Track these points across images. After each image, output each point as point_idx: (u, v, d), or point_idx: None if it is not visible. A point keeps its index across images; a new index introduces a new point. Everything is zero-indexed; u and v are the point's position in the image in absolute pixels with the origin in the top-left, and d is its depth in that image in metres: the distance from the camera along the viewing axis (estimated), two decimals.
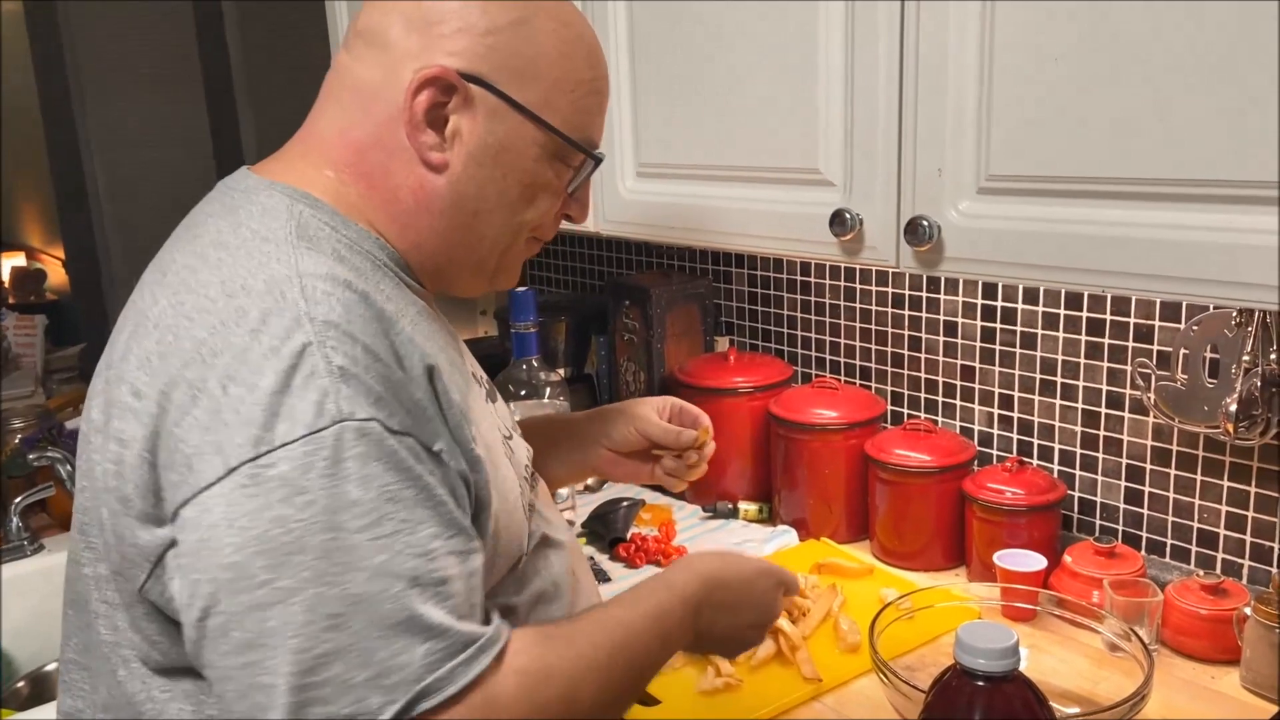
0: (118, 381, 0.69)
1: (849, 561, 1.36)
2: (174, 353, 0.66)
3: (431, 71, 0.73)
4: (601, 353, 1.82)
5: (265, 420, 0.62)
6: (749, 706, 1.06)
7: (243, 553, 0.61)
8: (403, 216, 0.77)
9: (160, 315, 0.69)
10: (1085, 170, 0.88)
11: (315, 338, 0.64)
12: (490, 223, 0.79)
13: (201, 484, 0.63)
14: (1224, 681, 1.08)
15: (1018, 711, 0.73)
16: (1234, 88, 0.78)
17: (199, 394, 0.64)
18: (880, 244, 1.06)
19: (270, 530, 0.61)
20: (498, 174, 0.77)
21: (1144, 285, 0.87)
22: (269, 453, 0.62)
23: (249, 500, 0.61)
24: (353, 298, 0.68)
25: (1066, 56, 0.87)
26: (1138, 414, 1.27)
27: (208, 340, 0.65)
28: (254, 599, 0.61)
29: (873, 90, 1.02)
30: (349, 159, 0.77)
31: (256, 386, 0.63)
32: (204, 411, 0.63)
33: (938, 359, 1.49)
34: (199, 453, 0.63)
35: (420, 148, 0.75)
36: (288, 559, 0.61)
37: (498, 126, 0.76)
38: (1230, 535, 1.21)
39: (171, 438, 0.64)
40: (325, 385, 0.63)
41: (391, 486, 0.64)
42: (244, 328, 0.65)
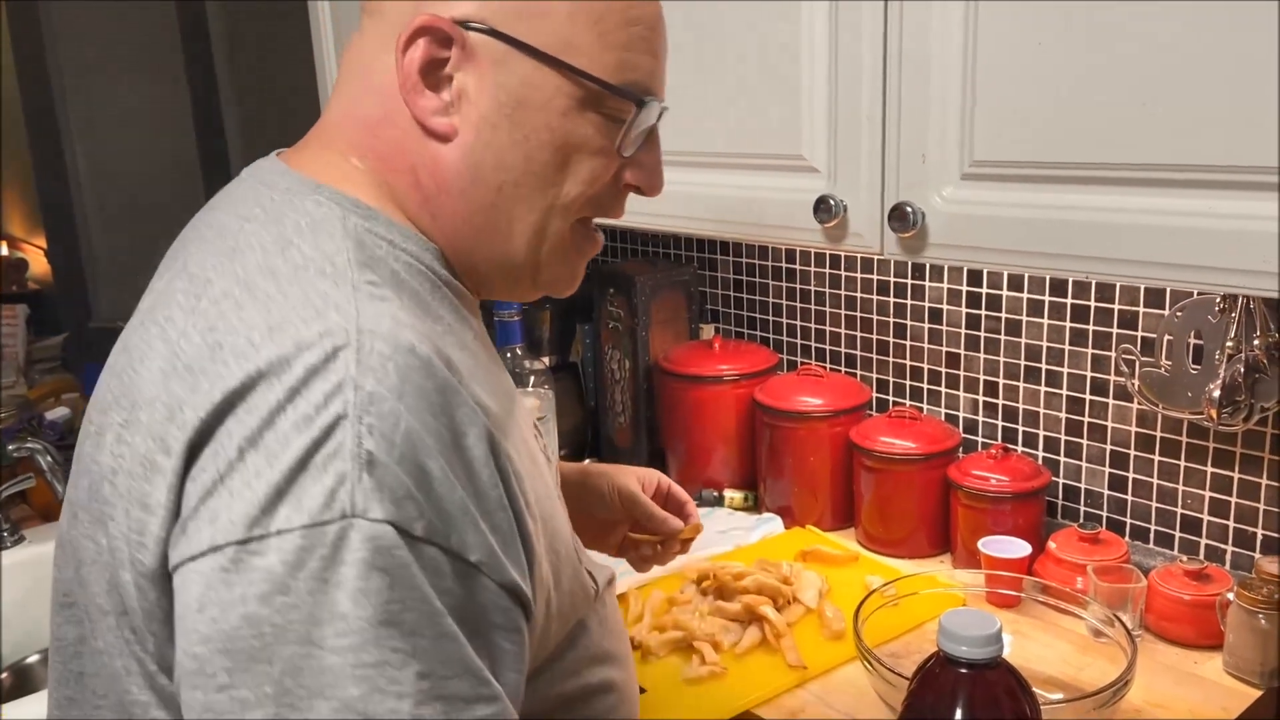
0: (141, 431, 0.59)
1: (834, 549, 1.36)
2: (204, 404, 0.56)
3: (420, 20, 0.63)
4: (586, 341, 1.81)
5: (269, 500, 0.53)
6: (734, 694, 1.06)
7: (207, 645, 0.53)
8: (430, 204, 0.67)
9: (194, 357, 0.58)
10: (1070, 156, 0.88)
11: (354, 410, 0.54)
12: (517, 198, 0.67)
13: (188, 554, 0.55)
14: (1207, 666, 1.09)
15: (1001, 699, 0.73)
16: (1220, 73, 0.78)
17: (219, 452, 0.55)
18: (865, 231, 1.05)
19: (240, 629, 0.52)
20: (519, 136, 0.65)
21: (1128, 271, 0.87)
22: (261, 539, 0.53)
23: (225, 588, 0.53)
24: (414, 364, 0.57)
25: (1051, 41, 0.87)
26: (1122, 400, 1.28)
27: (241, 393, 0.56)
28: (208, 700, 0.53)
29: (857, 76, 1.02)
30: (367, 144, 0.67)
31: (277, 459, 0.54)
32: (213, 475, 0.55)
33: (923, 346, 1.48)
34: (195, 516, 0.55)
35: (421, 113, 0.65)
36: (251, 666, 0.52)
37: (509, 78, 0.65)
38: (1214, 521, 1.22)
39: (187, 500, 0.56)
40: (344, 471, 0.53)
41: (390, 606, 0.53)
42: (284, 384, 0.55)
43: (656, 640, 1.14)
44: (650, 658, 1.13)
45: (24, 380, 2.73)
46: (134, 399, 0.61)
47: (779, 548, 1.38)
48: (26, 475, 1.59)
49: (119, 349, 0.66)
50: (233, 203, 0.68)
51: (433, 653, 0.54)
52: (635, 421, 1.67)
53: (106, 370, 0.66)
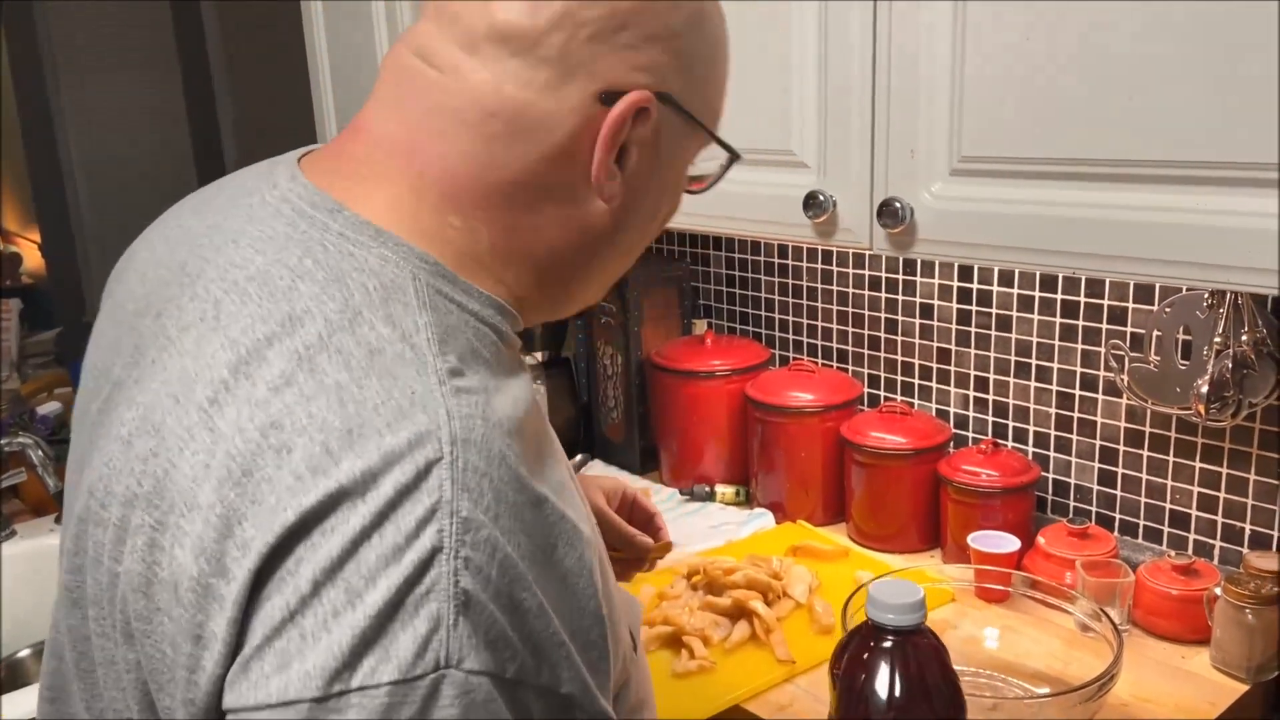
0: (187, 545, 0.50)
1: (825, 544, 1.36)
2: (274, 524, 0.48)
3: (640, 99, 0.58)
4: (579, 336, 1.81)
5: (353, 648, 0.46)
6: (723, 688, 1.06)
7: None
8: (546, 264, 0.61)
9: (253, 460, 0.50)
10: (1058, 152, 0.88)
11: (450, 542, 0.47)
12: (635, 243, 0.66)
13: (250, 702, 0.47)
14: (1194, 661, 1.09)
15: (927, 661, 0.76)
16: (1209, 68, 0.78)
17: (289, 583, 0.47)
18: (854, 226, 1.05)
19: None
20: (656, 190, 0.63)
21: (1116, 267, 0.87)
22: (341, 695, 0.45)
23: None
24: (508, 478, 0.50)
25: (1039, 36, 0.87)
26: (1111, 396, 1.28)
27: (319, 514, 0.48)
28: None
29: (846, 71, 1.02)
30: (490, 202, 0.58)
31: (361, 600, 0.46)
32: (283, 611, 0.47)
33: (914, 341, 1.49)
34: (259, 657, 0.47)
35: (601, 186, 0.59)
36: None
37: (665, 141, 0.61)
38: (1202, 516, 1.22)
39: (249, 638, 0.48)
40: (439, 613, 0.46)
41: None
42: (370, 506, 0.47)
43: (646, 635, 1.14)
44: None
45: (17, 375, 2.72)
46: (170, 500, 0.52)
47: (770, 543, 1.39)
48: (18, 470, 1.59)
49: (138, 420, 0.55)
50: (267, 240, 0.57)
51: None
52: (628, 417, 1.67)
53: (117, 441, 0.56)
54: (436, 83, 0.59)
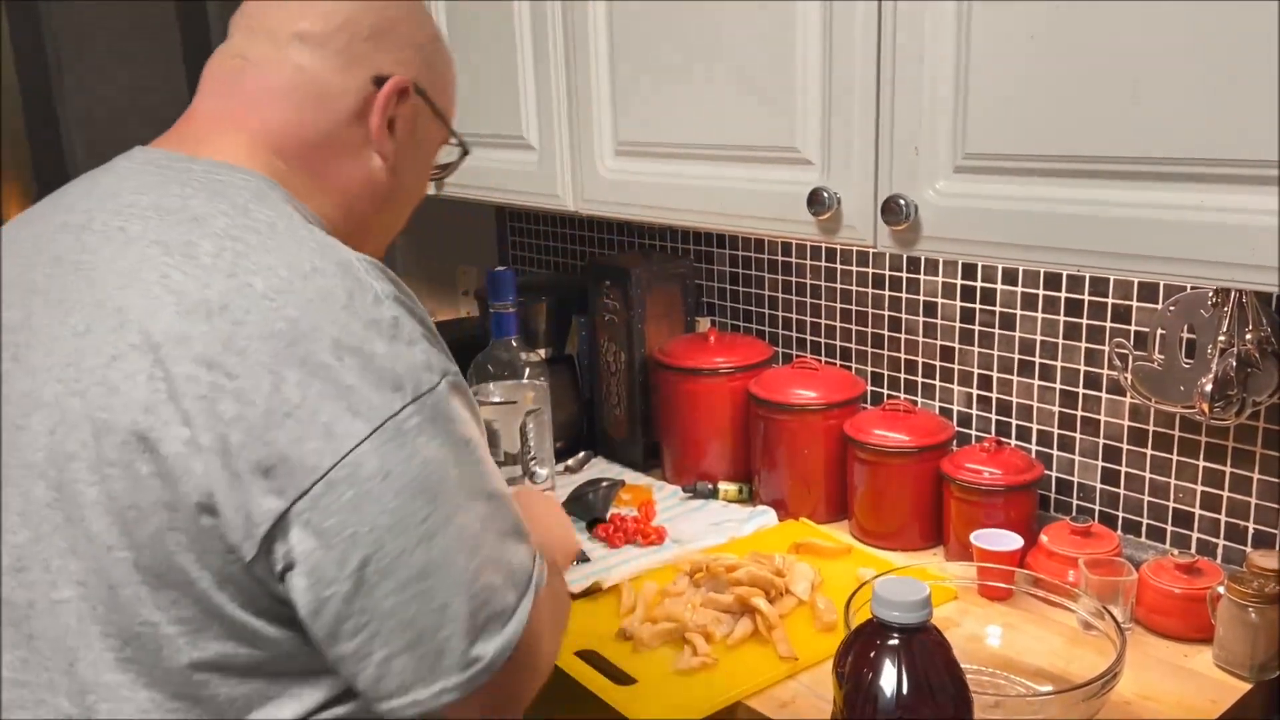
0: (182, 362, 0.67)
1: (827, 541, 1.36)
2: (266, 333, 0.67)
3: (403, 81, 0.84)
4: (582, 333, 1.81)
5: (393, 381, 0.69)
6: (725, 685, 1.06)
7: (402, 496, 0.68)
8: (345, 204, 0.85)
9: (223, 297, 0.68)
10: (1063, 149, 0.88)
11: (397, 311, 0.71)
12: (408, 205, 0.93)
13: (349, 446, 0.67)
14: (1197, 660, 1.09)
15: (933, 659, 0.76)
16: (1212, 65, 0.78)
17: (314, 368, 0.67)
18: (858, 223, 1.05)
19: (421, 472, 0.69)
20: (418, 164, 0.91)
21: (1122, 265, 0.87)
22: (404, 408, 0.68)
23: (398, 450, 0.68)
24: (392, 275, 0.75)
25: (1043, 33, 0.87)
26: (1115, 394, 1.28)
27: (301, 319, 0.68)
28: (420, 533, 0.69)
29: (849, 68, 1.02)
30: (300, 152, 0.82)
31: (373, 354, 0.69)
32: (326, 382, 0.67)
33: (917, 339, 1.49)
34: (334, 423, 0.67)
35: (380, 143, 0.85)
36: (439, 494, 0.70)
37: (420, 126, 0.89)
38: (1205, 515, 1.22)
39: (297, 412, 0.67)
40: (424, 346, 0.72)
41: (474, 423, 0.75)
42: (336, 305, 0.69)
43: (649, 631, 1.14)
44: (642, 649, 1.13)
45: None
46: (150, 339, 0.68)
47: (772, 540, 1.39)
48: None
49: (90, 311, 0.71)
50: (144, 187, 0.77)
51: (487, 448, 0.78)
52: (630, 414, 1.67)
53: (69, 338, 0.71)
54: (255, 71, 0.82)
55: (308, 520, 0.67)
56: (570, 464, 1.69)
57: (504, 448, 1.48)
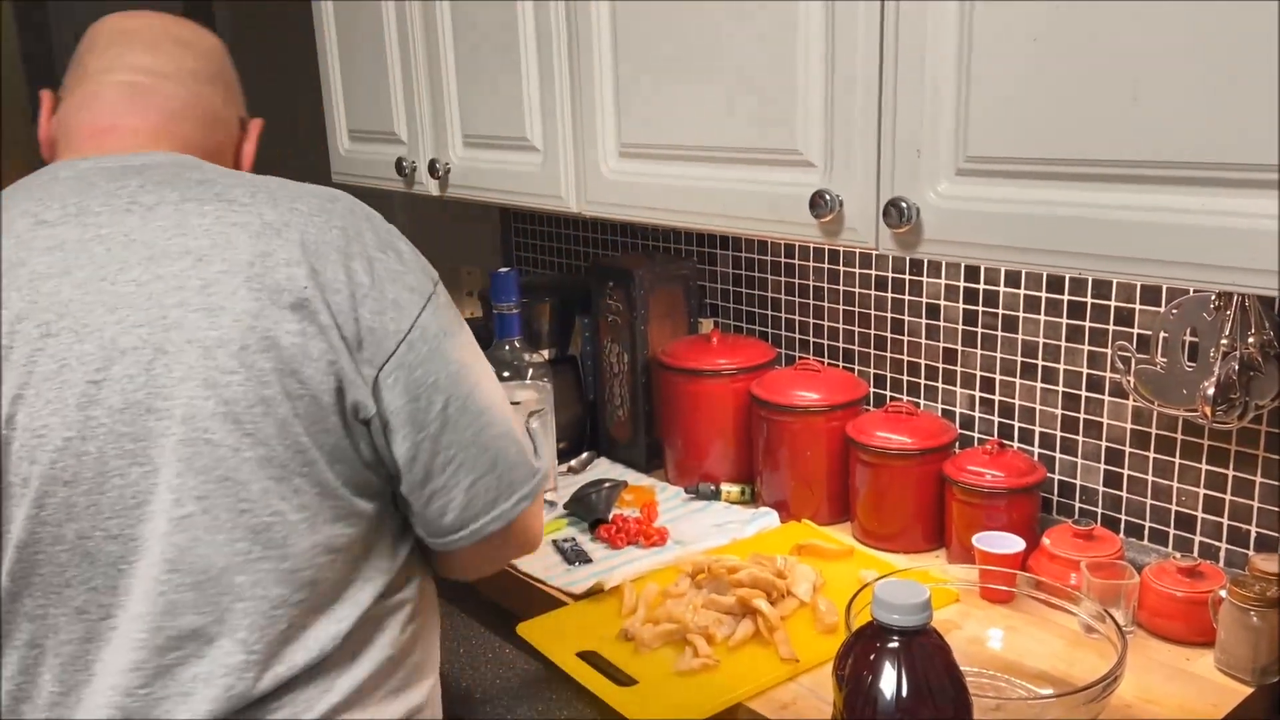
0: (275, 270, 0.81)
1: (829, 543, 1.36)
2: (330, 239, 0.84)
3: (260, 122, 1.06)
4: (585, 334, 1.81)
5: (422, 268, 0.90)
6: (726, 686, 1.06)
7: (461, 349, 0.89)
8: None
9: (283, 221, 0.84)
10: (1065, 152, 0.88)
11: (390, 226, 0.91)
12: None
13: (415, 313, 0.86)
14: (1199, 663, 1.09)
15: (933, 662, 0.76)
16: (1213, 68, 0.78)
17: (371, 261, 0.85)
18: (860, 226, 1.05)
19: (462, 333, 0.90)
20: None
21: (1123, 268, 0.87)
22: (435, 284, 0.90)
23: (444, 315, 0.89)
24: None
25: (1045, 36, 0.87)
26: (1117, 397, 1.28)
27: (346, 228, 0.86)
28: (475, 376, 0.89)
29: (852, 70, 1.02)
30: (203, 155, 0.96)
31: (402, 252, 0.89)
32: (383, 270, 0.85)
33: (920, 341, 1.49)
34: (399, 297, 0.85)
35: (246, 158, 1.05)
36: (477, 351, 0.92)
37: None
38: (1207, 518, 1.22)
39: (372, 292, 0.84)
40: (420, 257, 0.91)
41: None
42: (361, 218, 0.88)
43: (650, 632, 1.14)
44: (643, 650, 1.13)
45: None
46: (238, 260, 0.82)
47: (774, 542, 1.39)
48: None
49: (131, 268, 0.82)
50: (124, 177, 0.87)
51: None
52: (633, 415, 1.67)
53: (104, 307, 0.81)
54: (164, 95, 0.95)
55: (395, 379, 0.84)
56: (573, 465, 1.69)
57: None
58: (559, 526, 1.48)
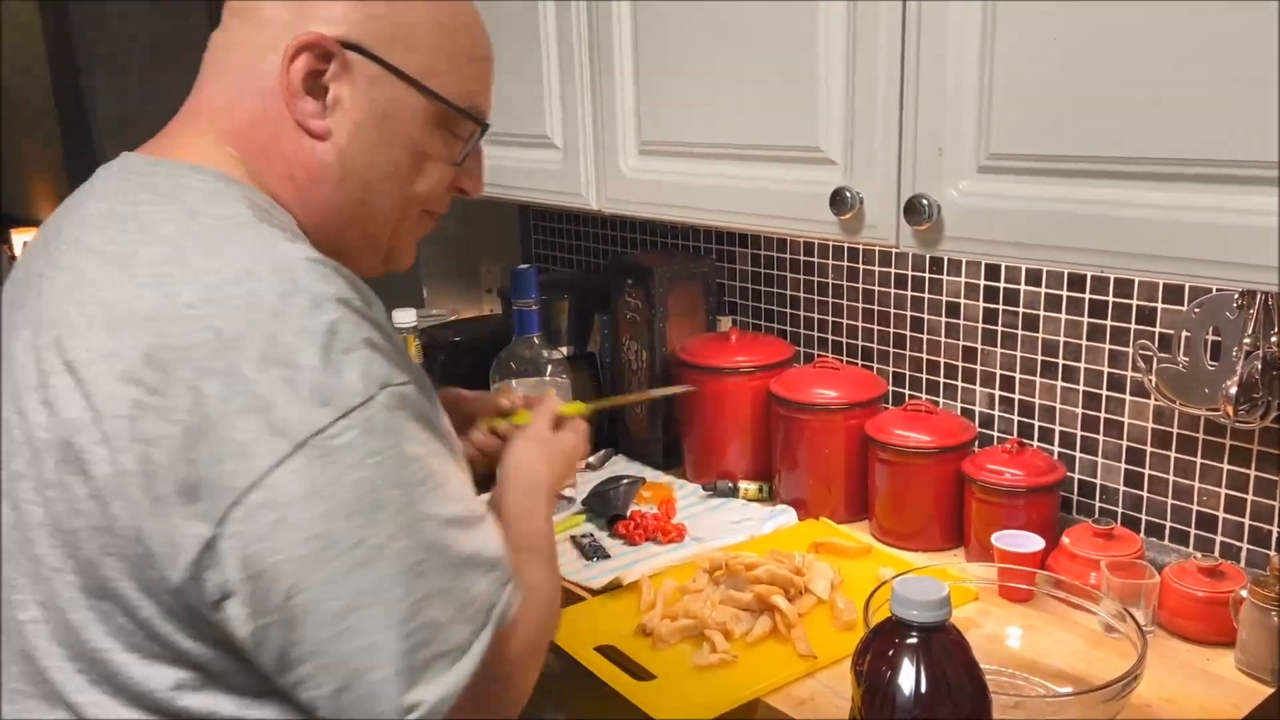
0: (105, 380, 0.64)
1: (847, 541, 1.36)
2: (190, 345, 0.63)
3: (307, 38, 0.73)
4: (604, 331, 1.81)
5: (320, 395, 0.63)
6: (744, 682, 1.07)
7: (329, 520, 0.63)
8: (299, 191, 0.77)
9: (153, 309, 0.65)
10: (1087, 149, 0.88)
11: (336, 314, 0.65)
12: (383, 194, 0.79)
13: (267, 466, 0.62)
14: (1219, 663, 1.09)
15: (952, 658, 0.76)
16: (1235, 66, 0.77)
17: (235, 382, 0.62)
18: (880, 223, 1.05)
19: (353, 493, 0.63)
20: (384, 142, 0.77)
21: (1146, 266, 0.87)
22: (333, 423, 0.63)
23: (327, 469, 0.62)
24: (344, 276, 0.68)
25: (1067, 34, 0.87)
26: (1138, 396, 1.27)
27: (225, 329, 0.63)
28: (346, 563, 0.63)
29: (873, 68, 1.02)
30: (242, 135, 0.76)
31: (298, 366, 0.63)
32: (246, 398, 0.62)
33: (939, 340, 1.48)
34: (256, 438, 0.62)
35: (300, 115, 0.75)
36: (373, 516, 0.64)
37: (380, 94, 0.76)
38: (1229, 518, 1.21)
39: (216, 430, 0.62)
40: (363, 356, 0.65)
41: (431, 442, 0.69)
42: (265, 311, 0.64)
43: (668, 628, 1.14)
44: (661, 645, 1.14)
45: None
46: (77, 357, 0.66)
47: (792, 539, 1.39)
48: None
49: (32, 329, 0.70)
50: (106, 195, 0.74)
51: (457, 466, 0.72)
52: (652, 412, 1.68)
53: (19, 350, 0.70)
54: (206, 57, 0.79)
55: (234, 547, 0.62)
56: (591, 461, 1.70)
57: None
58: (577, 522, 1.48)
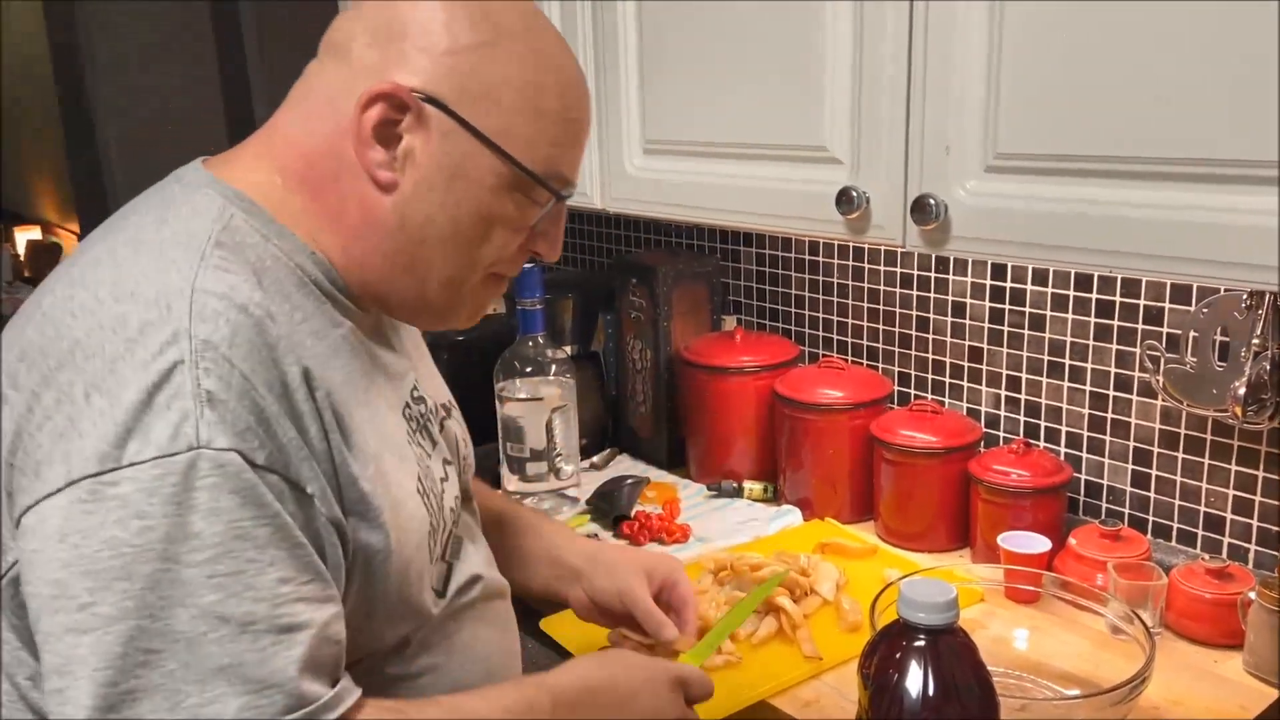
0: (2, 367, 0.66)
1: (853, 542, 1.36)
2: (52, 350, 0.63)
3: (383, 87, 0.71)
4: (608, 330, 1.81)
5: (118, 436, 0.60)
6: (749, 684, 1.06)
7: (68, 570, 0.59)
8: (346, 233, 0.75)
9: (51, 306, 0.66)
10: (1095, 149, 0.87)
11: (190, 357, 0.61)
12: (439, 253, 0.76)
13: (43, 492, 0.60)
14: (1227, 665, 1.08)
15: (960, 661, 0.75)
16: (1244, 66, 0.77)
17: (63, 399, 0.61)
18: (887, 223, 1.05)
19: (100, 551, 0.59)
20: (450, 200, 0.74)
21: (1154, 266, 0.86)
22: (114, 470, 0.59)
23: (85, 517, 0.59)
24: (244, 321, 0.65)
25: (1075, 33, 0.86)
26: (1146, 397, 1.26)
27: (83, 342, 0.62)
28: (70, 621, 0.59)
29: (880, 66, 1.01)
30: (299, 168, 0.74)
31: (119, 399, 0.60)
32: (64, 418, 0.61)
33: (945, 340, 1.48)
34: (48, 460, 0.61)
35: (368, 164, 0.72)
36: (112, 584, 0.58)
37: (453, 151, 0.73)
38: (1237, 519, 1.21)
39: (30, 440, 0.62)
40: (188, 408, 0.60)
41: (243, 523, 0.61)
42: (121, 335, 0.62)
43: None
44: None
45: None
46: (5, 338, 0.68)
47: (797, 539, 1.38)
48: None
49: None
50: (145, 196, 0.76)
51: (290, 561, 0.63)
52: (656, 411, 1.67)
53: None
54: (295, 84, 0.78)
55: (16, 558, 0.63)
56: (595, 461, 1.69)
57: (529, 444, 1.48)
58: (581, 522, 1.48)
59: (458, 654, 0.84)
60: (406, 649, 0.80)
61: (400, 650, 0.79)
